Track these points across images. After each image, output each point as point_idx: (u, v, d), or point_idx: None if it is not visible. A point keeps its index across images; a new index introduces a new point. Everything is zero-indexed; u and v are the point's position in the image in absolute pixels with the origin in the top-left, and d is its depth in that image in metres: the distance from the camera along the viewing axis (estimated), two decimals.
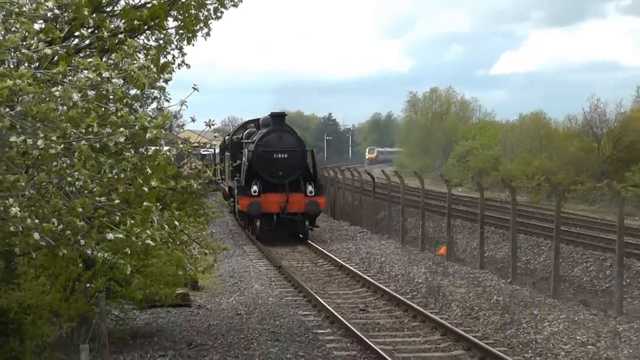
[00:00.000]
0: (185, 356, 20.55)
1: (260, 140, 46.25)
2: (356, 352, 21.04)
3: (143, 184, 11.52)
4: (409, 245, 44.82)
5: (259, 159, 45.79)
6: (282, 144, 45.59)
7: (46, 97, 9.74)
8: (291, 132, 49.41)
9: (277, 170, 45.53)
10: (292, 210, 44.77)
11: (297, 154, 46.41)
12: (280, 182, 45.31)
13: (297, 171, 46.40)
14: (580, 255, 37.60)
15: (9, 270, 18.08)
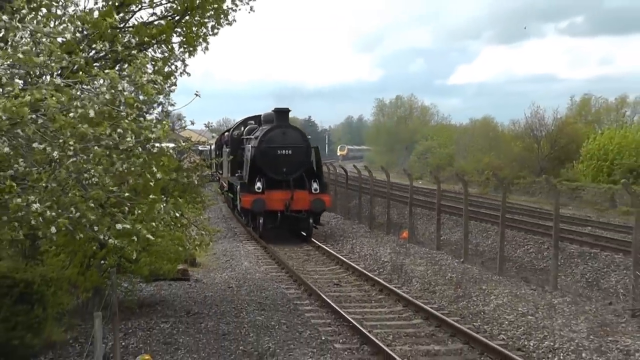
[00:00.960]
0: (184, 323, 20.55)
1: (264, 136, 40.06)
2: (330, 320, 21.11)
3: (150, 178, 11.58)
4: (377, 229, 44.74)
5: (262, 155, 39.45)
6: (287, 140, 39.77)
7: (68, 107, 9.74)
8: (295, 128, 43.43)
9: (281, 167, 39.28)
10: (297, 208, 38.64)
11: (301, 151, 40.27)
12: (284, 179, 39.38)
13: (301, 168, 39.96)
14: (522, 239, 37.75)
15: (33, 248, 18.24)
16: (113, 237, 10.97)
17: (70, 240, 15.19)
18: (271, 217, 39.11)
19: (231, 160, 46.34)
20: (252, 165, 39.83)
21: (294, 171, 39.41)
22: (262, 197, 38.10)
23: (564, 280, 27.30)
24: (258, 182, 38.10)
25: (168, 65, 18.51)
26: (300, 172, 39.81)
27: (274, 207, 38.40)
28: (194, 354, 17.45)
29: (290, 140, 39.87)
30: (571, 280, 28.23)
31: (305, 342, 18.57)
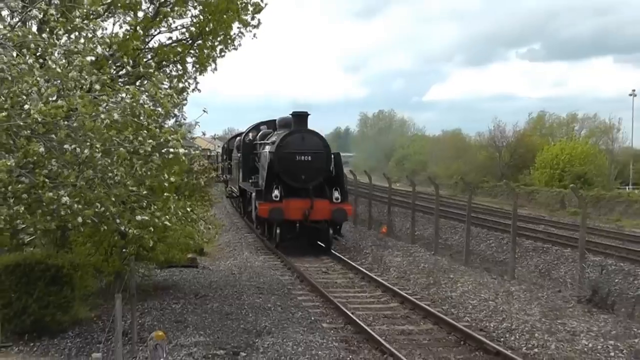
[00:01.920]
0: (193, 304, 20.54)
1: (282, 141, 32.29)
2: (319, 303, 21.10)
3: (165, 180, 11.73)
4: (359, 225, 44.50)
5: (280, 160, 31.69)
6: (306, 145, 32.03)
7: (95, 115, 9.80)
8: (315, 133, 34.06)
9: (299, 174, 31.54)
10: (316, 218, 31.15)
11: (321, 157, 32.34)
12: (303, 187, 31.73)
13: (320, 175, 32.18)
14: (485, 235, 37.82)
15: (63, 238, 18.30)
16: (133, 228, 11.11)
17: (96, 231, 15.26)
18: (289, 227, 31.38)
19: (243, 165, 39.23)
20: (269, 171, 32.06)
21: (313, 178, 31.60)
22: (279, 205, 30.62)
23: (520, 271, 27.39)
24: (275, 190, 30.65)
25: (182, 82, 18.60)
26: (320, 179, 32.07)
27: (292, 216, 30.67)
28: (200, 331, 17.42)
29: (309, 146, 32.04)
30: (526, 271, 28.30)
31: (297, 321, 18.56)
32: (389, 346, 16.16)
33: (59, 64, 10.13)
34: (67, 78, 9.88)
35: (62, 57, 10.68)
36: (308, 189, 31.29)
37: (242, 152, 40.27)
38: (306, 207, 30.40)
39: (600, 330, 18.00)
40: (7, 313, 16.47)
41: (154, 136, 10.71)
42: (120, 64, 15.40)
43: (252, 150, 38.83)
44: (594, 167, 68.97)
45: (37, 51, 10.51)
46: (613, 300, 21.88)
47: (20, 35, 10.35)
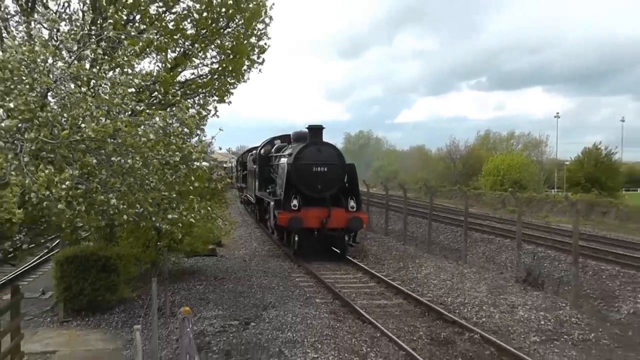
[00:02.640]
0: (213, 285, 20.51)
1: (300, 153, 28.55)
2: (312, 283, 21.03)
3: (190, 185, 12.02)
4: None
5: (297, 172, 27.87)
6: (322, 157, 28.39)
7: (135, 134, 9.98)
8: (330, 145, 30.41)
9: (316, 184, 27.88)
10: (333, 226, 27.28)
11: (336, 168, 28.49)
12: (320, 196, 27.86)
13: (335, 185, 28.24)
14: (443, 229, 37.59)
15: (111, 234, 18.64)
16: (165, 224, 11.30)
17: (136, 227, 15.40)
18: (307, 235, 27.59)
19: (259, 176, 34.71)
20: (287, 182, 28.11)
21: (328, 188, 27.77)
22: (298, 214, 26.77)
23: (471, 257, 27.36)
24: (294, 200, 27.05)
25: (204, 110, 18.69)
26: (335, 189, 28.14)
27: (310, 224, 26.81)
28: (219, 306, 17.39)
29: (325, 157, 28.37)
30: (476, 257, 28.25)
31: (296, 298, 18.53)
32: (368, 316, 16.17)
33: (106, 93, 10.39)
34: (112, 104, 10.09)
35: (109, 87, 10.83)
36: (325, 198, 27.12)
37: (258, 164, 35.31)
38: (323, 215, 26.34)
39: (533, 304, 18.03)
40: (67, 294, 16.82)
41: (180, 150, 10.97)
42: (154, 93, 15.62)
43: (267, 162, 34.15)
44: (527, 175, 69.19)
45: (89, 83, 10.59)
46: (542, 280, 21.95)
47: (75, 71, 10.43)
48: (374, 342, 14.07)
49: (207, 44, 18.88)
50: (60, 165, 9.20)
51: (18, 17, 14.57)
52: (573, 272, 20.06)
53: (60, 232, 11.98)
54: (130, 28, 13.23)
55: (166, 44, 17.93)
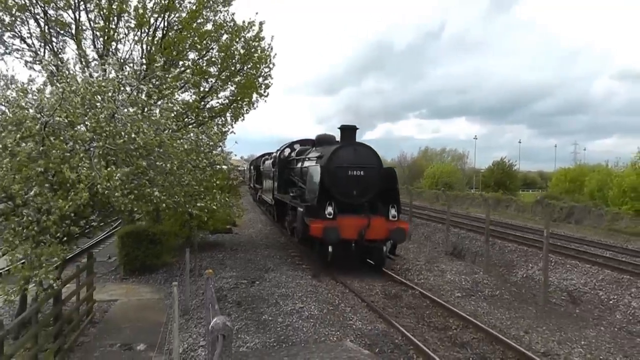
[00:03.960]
0: (229, 253, 20.43)
1: (334, 154, 19.91)
2: (300, 253, 20.90)
3: (214, 182, 12.22)
4: None
5: (331, 175, 19.20)
6: (358, 159, 19.76)
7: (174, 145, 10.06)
8: (367, 146, 20.80)
9: (351, 189, 19.24)
10: (372, 237, 18.53)
11: (374, 171, 19.71)
12: (356, 202, 19.21)
13: (373, 190, 19.48)
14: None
15: (157, 216, 18.67)
16: (196, 210, 11.42)
17: (174, 213, 15.37)
18: (343, 247, 18.43)
19: (279, 178, 25.79)
20: (320, 186, 18.92)
21: (365, 194, 19.07)
22: (334, 224, 18.10)
23: (414, 236, 27.25)
24: (329, 207, 18.66)
25: (224, 126, 19.08)
26: (372, 195, 19.26)
27: (347, 235, 18.17)
28: (233, 269, 17.33)
29: (362, 160, 19.61)
30: (417, 236, 28.21)
31: (288, 264, 18.47)
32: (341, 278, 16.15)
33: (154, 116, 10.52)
34: (159, 123, 10.16)
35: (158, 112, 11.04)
36: (360, 205, 18.61)
37: (278, 167, 26.42)
38: (362, 225, 17.73)
39: (457, 270, 18.06)
40: (126, 259, 17.05)
41: (207, 157, 11.10)
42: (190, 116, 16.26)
43: (287, 165, 25.56)
44: (454, 179, 69.18)
45: (143, 109, 10.71)
46: (464, 253, 22.04)
47: (134, 99, 10.62)
48: (344, 296, 14.06)
49: (226, 82, 19.15)
50: (120, 166, 9.29)
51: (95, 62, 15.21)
52: (485, 247, 20.15)
53: (121, 214, 12.39)
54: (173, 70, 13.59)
55: (198, 81, 18.26)
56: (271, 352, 9.56)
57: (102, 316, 12.75)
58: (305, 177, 19.85)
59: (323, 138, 22.61)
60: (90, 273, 12.83)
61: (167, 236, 18.04)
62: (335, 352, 9.06)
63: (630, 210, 33.39)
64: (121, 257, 17.22)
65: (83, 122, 9.43)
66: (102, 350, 10.38)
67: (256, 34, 18.87)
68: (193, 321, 11.90)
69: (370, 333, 10.86)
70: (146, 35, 17.27)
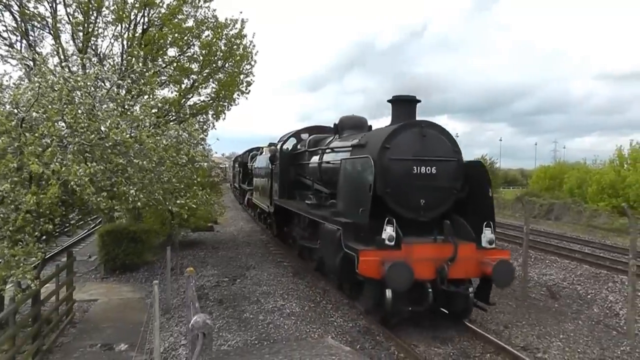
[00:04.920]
0: (211, 251, 20.39)
1: (390, 140, 10.21)
2: (283, 251, 20.79)
3: (195, 179, 12.21)
4: None
5: (384, 174, 9.96)
6: (428, 148, 10.16)
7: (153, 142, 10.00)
8: (439, 127, 10.72)
9: (417, 197, 10.05)
10: (459, 276, 9.60)
11: (451, 167, 10.38)
12: (424, 218, 10.12)
13: (449, 199, 10.37)
14: None
15: (138, 214, 18.62)
16: (176, 207, 11.36)
17: (155, 210, 15.28)
18: (413, 292, 9.59)
19: (281, 178, 18.86)
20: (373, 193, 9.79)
21: (439, 205, 10.53)
22: (401, 256, 9.39)
23: None
24: (388, 226, 9.55)
25: (205, 124, 19.01)
26: (448, 206, 10.67)
27: (421, 274, 9.41)
28: (215, 267, 17.28)
29: (434, 149, 10.51)
30: None
31: (270, 261, 18.41)
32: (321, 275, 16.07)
33: (133, 112, 10.49)
34: (138, 119, 10.11)
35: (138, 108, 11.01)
36: (431, 224, 10.59)
37: (280, 164, 18.89)
38: (444, 257, 9.95)
39: None
40: (106, 258, 16.96)
41: (187, 154, 11.05)
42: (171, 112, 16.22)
43: (294, 161, 18.45)
44: None
45: (122, 105, 10.68)
46: None
47: (112, 95, 10.61)
48: (325, 293, 14.04)
49: (208, 78, 19.06)
50: (98, 163, 9.18)
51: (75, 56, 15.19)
52: None
53: (100, 213, 12.29)
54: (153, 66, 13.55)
55: (179, 78, 18.22)
56: (252, 350, 9.52)
57: (82, 316, 12.63)
58: (334, 178, 12.98)
59: (350, 121, 15.18)
60: (70, 272, 12.64)
61: (148, 234, 17.93)
62: (316, 349, 9.04)
63: (608, 206, 33.83)
64: (101, 256, 17.07)
65: (61, 117, 9.30)
66: (82, 351, 10.27)
67: (238, 32, 18.82)
68: (174, 320, 11.81)
69: (352, 330, 10.85)
70: (126, 30, 17.16)
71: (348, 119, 15.28)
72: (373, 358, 9.28)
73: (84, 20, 16.34)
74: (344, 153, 13.06)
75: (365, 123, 15.19)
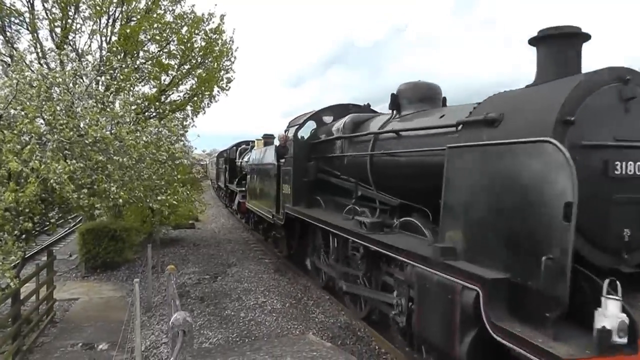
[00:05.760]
0: (192, 249, 20.28)
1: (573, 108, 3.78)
2: (264, 248, 20.81)
3: (175, 176, 12.17)
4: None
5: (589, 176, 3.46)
6: None
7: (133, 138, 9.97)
8: None
9: (618, 225, 3.49)
10: None
11: None
12: (630, 267, 3.30)
13: None
14: None
15: (119, 212, 18.55)
16: (157, 204, 11.33)
17: (136, 208, 15.26)
18: None
19: (294, 178, 12.79)
20: None
21: None
22: None
23: None
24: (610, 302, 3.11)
25: (185, 120, 18.98)
26: None
27: None
28: (196, 265, 17.24)
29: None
30: None
31: (251, 258, 18.43)
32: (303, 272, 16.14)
33: (113, 109, 10.44)
34: (117, 116, 10.07)
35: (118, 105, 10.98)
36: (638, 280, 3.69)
37: (295, 158, 12.99)
38: None
39: None
40: (87, 257, 16.82)
41: (167, 151, 11.02)
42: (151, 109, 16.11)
43: (317, 153, 12.83)
44: None
45: (103, 101, 10.61)
46: None
47: (92, 91, 10.55)
48: (307, 290, 14.10)
49: (187, 75, 19.03)
50: (78, 160, 9.11)
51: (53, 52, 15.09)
52: None
53: (81, 211, 12.19)
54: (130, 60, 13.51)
55: (158, 74, 18.14)
56: (234, 347, 9.54)
57: (63, 315, 12.54)
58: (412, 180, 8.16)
59: (417, 90, 9.64)
60: (50, 271, 12.54)
61: (128, 232, 17.82)
62: (297, 346, 9.09)
63: None
64: (82, 254, 16.94)
65: (40, 114, 9.23)
66: (63, 351, 10.21)
67: (217, 27, 18.77)
68: (155, 318, 11.79)
69: (333, 326, 10.92)
70: (105, 26, 17.06)
71: (413, 87, 9.67)
72: (354, 354, 9.36)
73: (61, 16, 16.20)
74: (431, 138, 7.56)
75: (439, 93, 9.66)
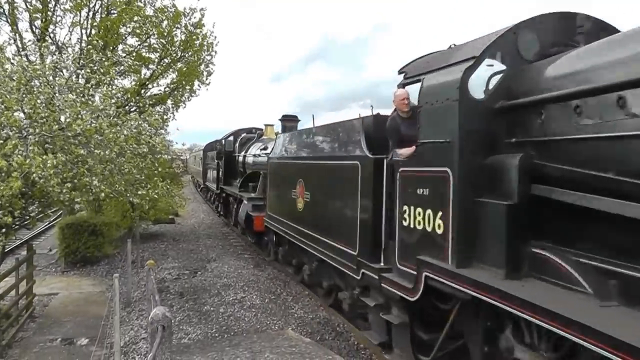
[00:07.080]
0: (172, 244, 20.29)
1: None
2: (244, 243, 20.88)
3: (155, 170, 12.20)
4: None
5: None
6: None
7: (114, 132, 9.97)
8: None
9: None
10: None
11: None
12: None
13: None
14: None
15: (99, 206, 18.53)
16: (137, 199, 11.31)
17: (116, 202, 15.26)
18: None
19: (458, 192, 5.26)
20: None
21: None
22: None
23: None
24: None
25: (165, 114, 18.90)
26: None
27: None
28: (176, 260, 17.25)
29: None
30: None
31: (230, 254, 18.47)
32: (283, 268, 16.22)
33: (93, 102, 10.43)
34: (98, 109, 10.05)
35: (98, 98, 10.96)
36: None
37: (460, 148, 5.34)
38: None
39: None
40: (67, 252, 16.73)
41: (147, 144, 11.02)
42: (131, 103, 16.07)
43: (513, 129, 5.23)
44: None
45: (83, 94, 10.57)
46: None
47: (72, 84, 10.51)
48: (286, 285, 14.19)
49: (167, 69, 18.99)
50: (57, 154, 9.07)
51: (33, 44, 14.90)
52: None
53: (61, 205, 12.15)
54: (110, 54, 13.46)
55: (139, 67, 18.11)
56: (213, 342, 9.60)
57: (42, 310, 12.48)
58: None
59: None
60: (30, 266, 12.41)
61: (108, 227, 17.77)
62: (277, 341, 9.19)
63: None
64: (62, 249, 16.85)
65: (20, 107, 9.18)
66: (42, 346, 10.17)
67: (198, 21, 18.77)
68: (135, 313, 11.79)
69: (312, 321, 11.04)
70: (85, 19, 16.96)
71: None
72: (333, 349, 9.48)
73: (42, 8, 16.08)
74: None
75: None
